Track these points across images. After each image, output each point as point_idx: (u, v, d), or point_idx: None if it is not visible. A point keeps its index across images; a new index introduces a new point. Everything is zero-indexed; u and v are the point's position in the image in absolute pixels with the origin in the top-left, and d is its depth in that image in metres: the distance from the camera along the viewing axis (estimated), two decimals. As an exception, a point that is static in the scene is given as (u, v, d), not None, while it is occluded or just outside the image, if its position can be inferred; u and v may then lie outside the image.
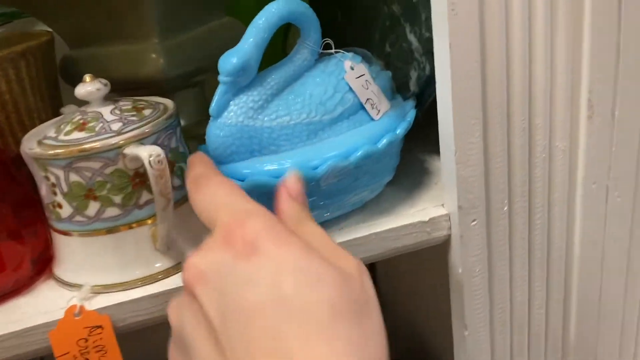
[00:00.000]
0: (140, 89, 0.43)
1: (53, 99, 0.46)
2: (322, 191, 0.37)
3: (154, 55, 0.45)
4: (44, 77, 0.44)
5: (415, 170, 0.45)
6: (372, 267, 0.97)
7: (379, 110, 0.39)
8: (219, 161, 0.37)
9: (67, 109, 0.43)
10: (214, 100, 0.36)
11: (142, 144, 0.35)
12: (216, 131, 0.36)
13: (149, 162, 0.33)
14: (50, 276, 0.40)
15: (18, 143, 0.43)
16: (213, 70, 0.51)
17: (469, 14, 0.33)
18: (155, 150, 0.33)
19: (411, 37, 0.44)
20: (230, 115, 0.36)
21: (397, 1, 0.45)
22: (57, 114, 0.46)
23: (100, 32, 0.48)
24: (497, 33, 0.34)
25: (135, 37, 0.46)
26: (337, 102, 0.38)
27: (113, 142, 0.35)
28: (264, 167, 0.36)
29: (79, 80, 0.50)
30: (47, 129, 0.38)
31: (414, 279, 0.73)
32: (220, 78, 0.36)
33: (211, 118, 0.37)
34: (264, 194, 0.36)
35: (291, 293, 0.23)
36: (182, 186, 0.38)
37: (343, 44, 0.41)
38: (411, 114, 0.40)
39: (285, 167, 0.36)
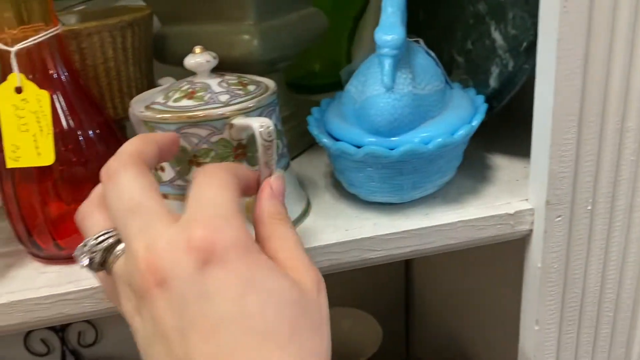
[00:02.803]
0: (227, 70, 0.45)
1: (148, 72, 0.48)
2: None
3: (247, 37, 0.46)
4: (144, 50, 0.46)
5: (489, 167, 0.46)
6: (408, 266, 0.97)
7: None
8: (394, 133, 0.38)
9: (163, 81, 0.45)
10: (387, 73, 0.37)
11: (247, 116, 0.37)
12: (394, 102, 0.38)
13: (260, 132, 0.34)
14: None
15: (115, 109, 0.45)
16: (295, 58, 0.53)
17: (579, 12, 0.34)
18: (266, 121, 0.34)
19: (496, 35, 0.45)
20: (402, 87, 0.38)
21: (484, 0, 0.46)
22: (151, 86, 0.48)
23: (195, 10, 0.49)
24: (603, 33, 0.35)
25: (231, 18, 0.47)
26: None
27: (221, 112, 0.36)
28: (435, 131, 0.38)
29: (169, 56, 0.52)
30: (154, 96, 0.40)
31: (456, 278, 0.74)
32: (387, 52, 0.37)
33: (383, 91, 0.38)
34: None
35: (255, 311, 0.24)
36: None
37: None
38: (484, 107, 0.41)
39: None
